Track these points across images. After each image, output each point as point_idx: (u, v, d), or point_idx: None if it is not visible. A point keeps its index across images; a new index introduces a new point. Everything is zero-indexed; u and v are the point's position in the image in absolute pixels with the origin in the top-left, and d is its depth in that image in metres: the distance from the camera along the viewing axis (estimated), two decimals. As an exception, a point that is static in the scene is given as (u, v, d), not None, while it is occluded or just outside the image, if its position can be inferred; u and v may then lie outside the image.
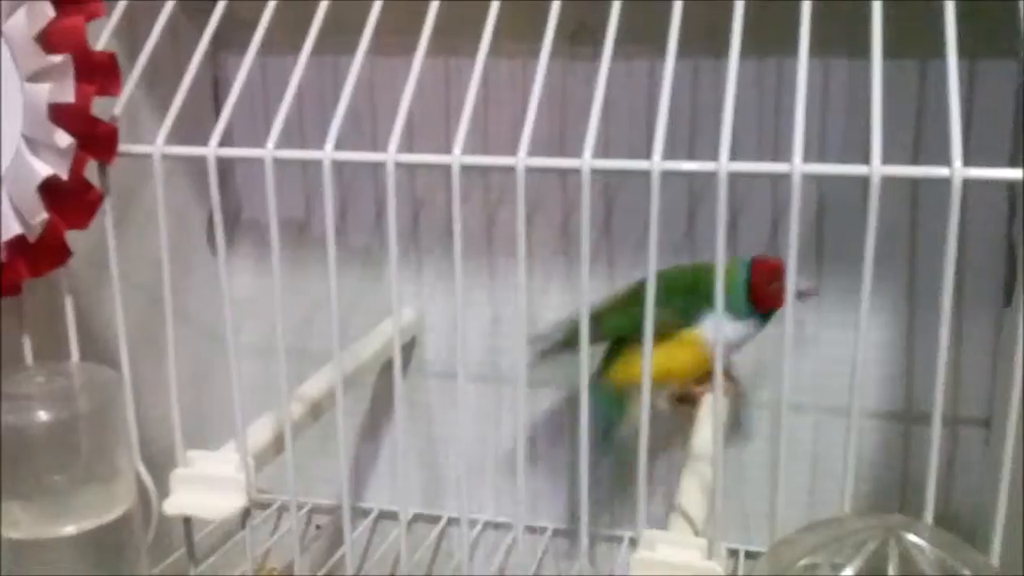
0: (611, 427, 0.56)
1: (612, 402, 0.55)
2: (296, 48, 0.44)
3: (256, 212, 0.67)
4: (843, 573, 0.36)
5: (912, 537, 0.37)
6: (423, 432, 0.68)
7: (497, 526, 0.68)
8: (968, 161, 0.36)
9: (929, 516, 0.40)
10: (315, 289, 0.53)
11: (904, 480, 0.62)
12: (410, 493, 0.68)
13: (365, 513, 0.69)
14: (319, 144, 0.42)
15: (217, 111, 0.66)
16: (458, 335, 0.43)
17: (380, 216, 0.62)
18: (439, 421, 0.68)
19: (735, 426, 0.61)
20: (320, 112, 0.57)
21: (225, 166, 0.66)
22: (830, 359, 0.57)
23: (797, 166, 0.37)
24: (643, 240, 0.42)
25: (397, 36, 0.44)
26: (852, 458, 0.41)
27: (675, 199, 0.60)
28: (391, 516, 0.69)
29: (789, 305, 0.39)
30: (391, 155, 0.42)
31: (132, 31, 0.48)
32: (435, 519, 0.68)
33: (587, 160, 0.39)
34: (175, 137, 0.44)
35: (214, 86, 0.66)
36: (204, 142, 0.44)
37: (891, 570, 0.36)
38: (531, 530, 0.67)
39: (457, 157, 0.41)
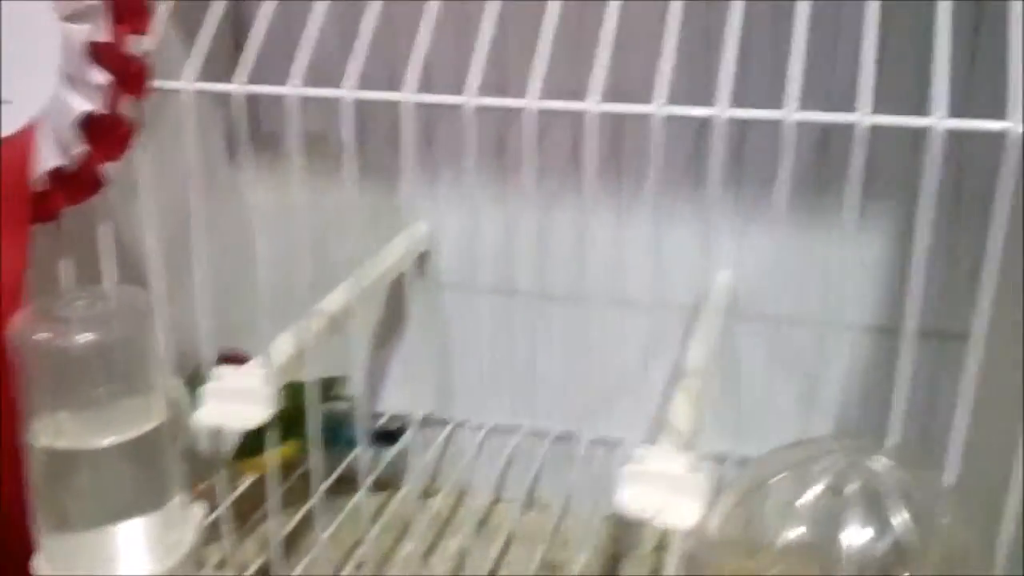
0: None
1: None
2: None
3: (275, 124, 0.69)
4: (807, 490, 0.41)
5: (874, 460, 0.41)
6: (435, 341, 0.72)
7: (502, 430, 0.73)
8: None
9: (896, 434, 0.44)
10: (331, 200, 0.56)
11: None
12: (423, 397, 0.73)
13: (377, 416, 0.73)
14: (339, 74, 0.44)
15: (237, 46, 0.67)
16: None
17: (396, 131, 0.65)
18: (452, 330, 0.72)
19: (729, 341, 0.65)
20: (341, 45, 0.59)
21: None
22: (831, 275, 0.61)
23: (792, 114, 0.40)
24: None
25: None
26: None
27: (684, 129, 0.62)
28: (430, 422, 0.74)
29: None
30: (408, 96, 0.44)
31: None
32: (444, 422, 0.73)
33: (593, 105, 0.42)
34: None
35: (234, 20, 0.68)
36: (224, 72, 0.47)
37: (849, 490, 0.40)
38: (535, 434, 0.72)
39: (471, 99, 0.44)
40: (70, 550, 0.50)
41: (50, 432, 0.48)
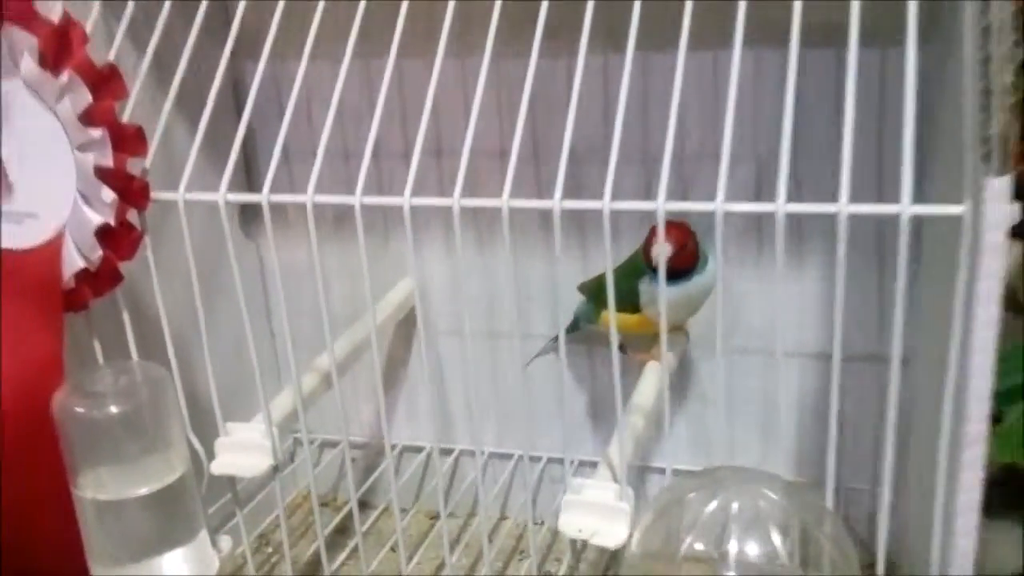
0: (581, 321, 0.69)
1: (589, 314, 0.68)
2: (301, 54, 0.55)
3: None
4: (706, 508, 0.48)
5: (763, 488, 0.49)
6: (434, 379, 0.80)
7: (500, 456, 0.81)
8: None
9: (831, 457, 0.51)
10: (330, 263, 0.64)
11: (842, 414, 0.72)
12: (427, 430, 0.81)
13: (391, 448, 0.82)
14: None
15: (238, 111, 0.77)
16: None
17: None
18: (447, 371, 0.80)
19: (681, 372, 0.72)
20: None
21: (249, 152, 0.77)
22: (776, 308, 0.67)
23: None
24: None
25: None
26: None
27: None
28: (414, 449, 0.83)
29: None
30: (407, 199, 0.51)
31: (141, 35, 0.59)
32: (449, 451, 0.81)
33: (557, 201, 0.49)
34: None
35: (234, 88, 0.77)
36: (228, 140, 0.55)
37: (735, 509, 0.47)
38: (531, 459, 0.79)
39: (456, 200, 0.51)
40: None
41: (93, 485, 0.58)
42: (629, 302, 0.63)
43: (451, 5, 0.54)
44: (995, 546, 0.78)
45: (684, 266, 0.60)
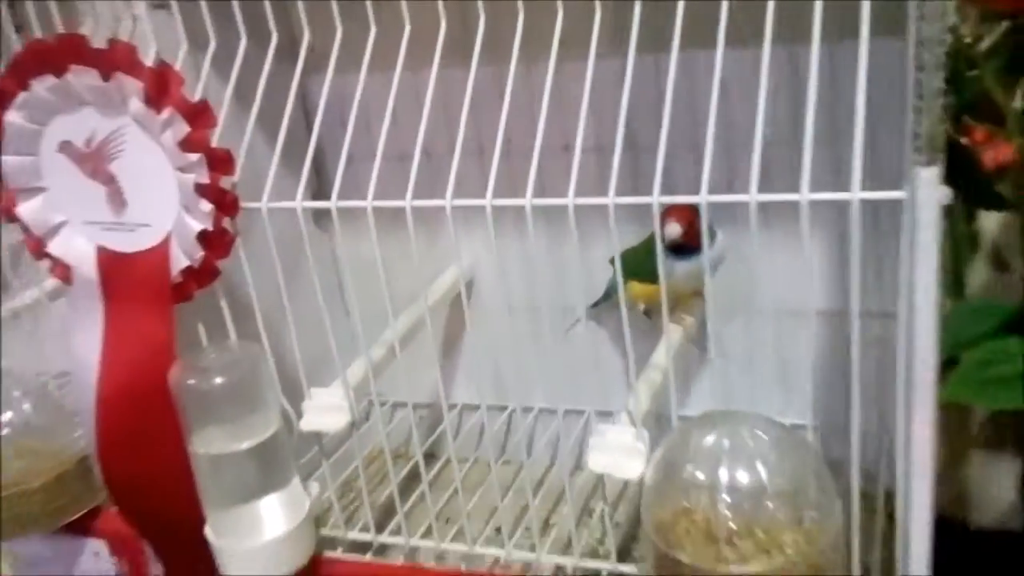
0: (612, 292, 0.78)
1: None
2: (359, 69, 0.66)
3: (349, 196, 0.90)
4: (703, 443, 0.58)
5: (752, 428, 0.59)
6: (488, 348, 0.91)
7: (548, 411, 0.92)
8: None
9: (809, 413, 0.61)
10: (392, 250, 0.74)
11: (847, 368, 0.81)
12: (485, 391, 0.93)
13: (452, 407, 0.94)
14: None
15: (308, 125, 0.88)
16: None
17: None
18: (499, 340, 0.90)
19: (700, 336, 0.82)
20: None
21: (318, 154, 0.88)
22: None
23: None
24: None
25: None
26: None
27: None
28: (472, 408, 0.94)
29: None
30: (448, 201, 0.62)
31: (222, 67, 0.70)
32: (503, 407, 0.93)
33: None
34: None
35: (303, 101, 0.88)
36: (300, 147, 0.67)
37: (725, 445, 0.58)
38: (574, 412, 0.90)
39: (489, 200, 0.62)
40: (228, 522, 0.72)
41: (204, 443, 0.70)
42: (649, 275, 0.73)
43: (481, 21, 0.64)
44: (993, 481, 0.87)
45: (692, 243, 0.70)
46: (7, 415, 0.83)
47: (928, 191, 0.52)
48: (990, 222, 0.77)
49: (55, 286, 0.81)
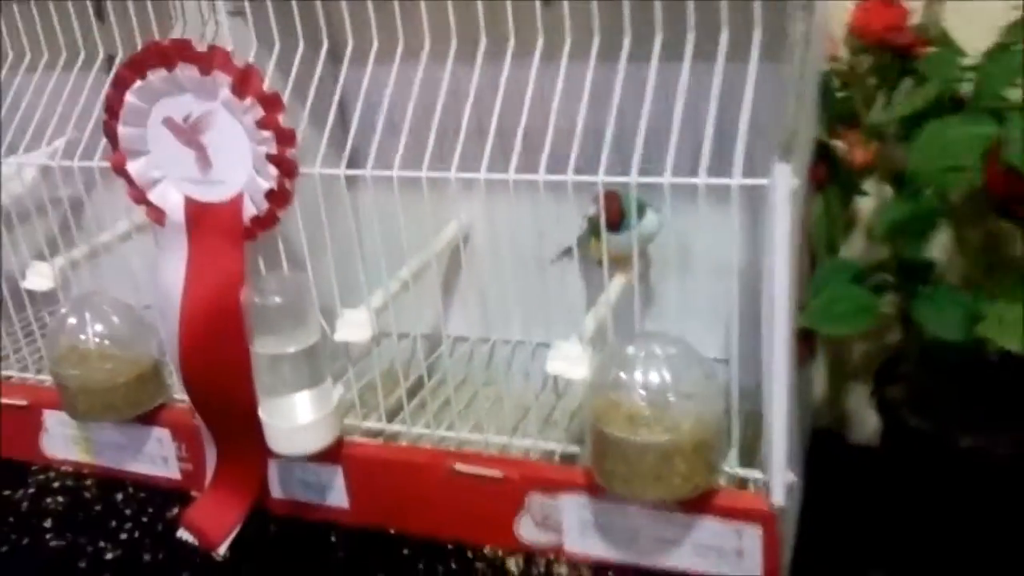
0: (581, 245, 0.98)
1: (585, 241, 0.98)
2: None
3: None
4: (625, 352, 0.82)
5: (662, 344, 0.82)
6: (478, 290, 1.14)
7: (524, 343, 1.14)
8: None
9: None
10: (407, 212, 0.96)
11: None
12: (474, 325, 1.16)
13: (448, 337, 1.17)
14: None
15: (341, 107, 1.11)
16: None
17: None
18: (489, 283, 1.14)
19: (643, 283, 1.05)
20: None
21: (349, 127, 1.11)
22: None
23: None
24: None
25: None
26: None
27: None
28: (463, 339, 1.18)
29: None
30: (453, 173, 0.86)
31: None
32: (487, 339, 1.16)
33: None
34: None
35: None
36: (338, 133, 0.90)
37: (640, 355, 0.81)
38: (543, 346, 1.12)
39: (483, 174, 0.85)
40: (274, 408, 0.95)
41: (263, 346, 0.93)
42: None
43: (483, 36, 0.88)
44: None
45: (615, 220, 0.90)
46: (99, 327, 1.06)
47: (781, 179, 0.75)
48: (866, 204, 1.01)
49: (125, 230, 1.05)
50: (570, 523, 0.92)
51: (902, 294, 0.82)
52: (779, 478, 0.82)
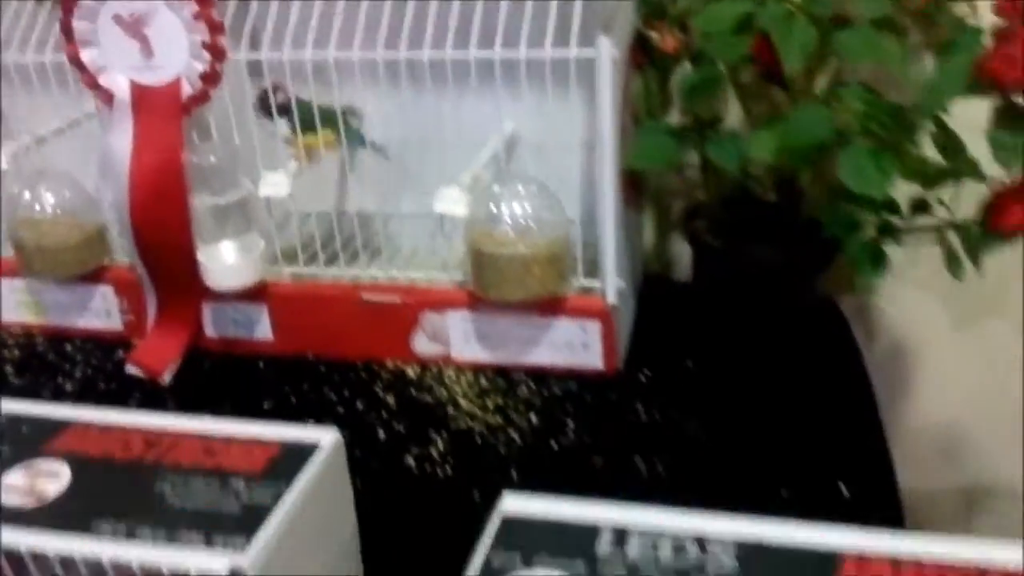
0: None
1: None
2: None
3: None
4: (493, 189, 1.08)
5: (525, 184, 1.08)
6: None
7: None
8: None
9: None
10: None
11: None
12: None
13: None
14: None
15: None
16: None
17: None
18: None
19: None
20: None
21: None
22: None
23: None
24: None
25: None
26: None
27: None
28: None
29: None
30: (355, 52, 1.09)
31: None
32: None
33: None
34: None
35: None
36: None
37: (505, 192, 1.07)
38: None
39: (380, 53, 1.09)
40: (210, 252, 1.16)
41: (201, 200, 1.15)
42: None
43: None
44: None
45: None
46: (51, 198, 1.26)
47: (604, 48, 1.01)
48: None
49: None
50: (455, 335, 1.17)
51: (699, 142, 1.10)
52: (611, 283, 1.09)
